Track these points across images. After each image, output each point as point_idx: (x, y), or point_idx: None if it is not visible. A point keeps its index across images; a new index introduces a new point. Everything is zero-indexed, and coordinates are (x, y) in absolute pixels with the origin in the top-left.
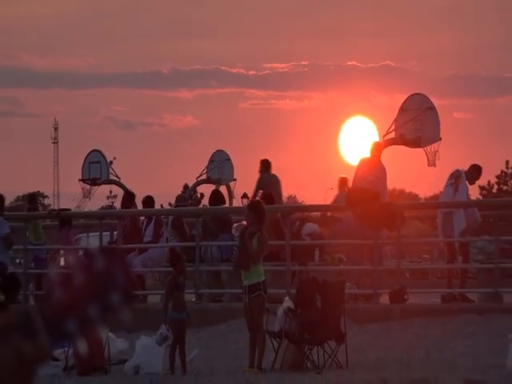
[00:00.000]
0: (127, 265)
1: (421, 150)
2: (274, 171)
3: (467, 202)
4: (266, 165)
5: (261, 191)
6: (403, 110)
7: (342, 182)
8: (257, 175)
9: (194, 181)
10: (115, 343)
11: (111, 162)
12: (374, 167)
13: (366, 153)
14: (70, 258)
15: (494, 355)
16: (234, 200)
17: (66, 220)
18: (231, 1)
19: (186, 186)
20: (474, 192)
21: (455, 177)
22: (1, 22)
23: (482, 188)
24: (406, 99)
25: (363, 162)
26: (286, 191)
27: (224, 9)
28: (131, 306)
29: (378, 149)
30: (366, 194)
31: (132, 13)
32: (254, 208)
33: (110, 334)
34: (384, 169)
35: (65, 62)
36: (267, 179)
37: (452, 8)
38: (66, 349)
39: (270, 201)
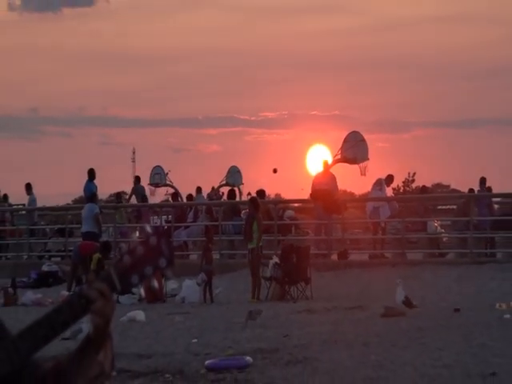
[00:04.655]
0: (170, 242)
1: (356, 165)
2: (267, 177)
3: (387, 197)
4: (138, 179)
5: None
6: (346, 141)
7: (260, 193)
8: (255, 181)
9: (218, 184)
10: (169, 284)
11: (167, 173)
12: (325, 176)
13: (320, 167)
14: (143, 231)
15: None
16: (242, 196)
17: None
18: (238, 75)
19: (212, 188)
20: (389, 192)
21: (379, 183)
22: (98, 86)
23: (393, 189)
24: (348, 134)
25: (318, 174)
26: (274, 190)
27: (235, 81)
28: (173, 268)
29: (326, 165)
30: (323, 192)
31: (176, 84)
32: (252, 202)
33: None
34: (333, 176)
35: (138, 112)
36: (139, 188)
37: (375, 80)
38: (140, 286)
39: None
